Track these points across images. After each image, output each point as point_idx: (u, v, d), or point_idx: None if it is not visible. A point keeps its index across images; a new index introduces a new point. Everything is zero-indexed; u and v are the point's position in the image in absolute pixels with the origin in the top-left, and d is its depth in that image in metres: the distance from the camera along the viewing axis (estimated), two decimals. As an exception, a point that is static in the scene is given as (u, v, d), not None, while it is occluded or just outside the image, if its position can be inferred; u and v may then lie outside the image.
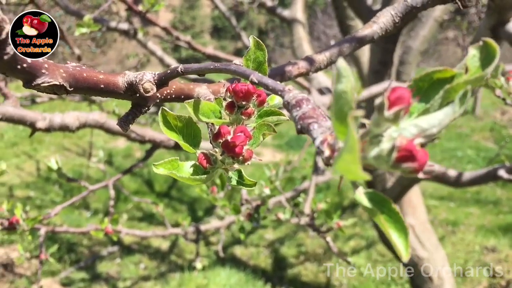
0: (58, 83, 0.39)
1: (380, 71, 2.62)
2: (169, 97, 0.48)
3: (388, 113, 0.23)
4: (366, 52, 2.86)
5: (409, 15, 0.57)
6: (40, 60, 0.39)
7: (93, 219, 3.97)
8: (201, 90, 0.49)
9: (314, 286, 3.30)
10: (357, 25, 2.88)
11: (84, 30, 1.55)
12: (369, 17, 1.49)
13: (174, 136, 0.42)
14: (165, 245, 3.74)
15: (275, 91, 0.32)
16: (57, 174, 1.62)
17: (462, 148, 6.03)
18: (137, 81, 0.43)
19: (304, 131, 0.27)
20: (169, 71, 0.43)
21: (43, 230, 1.80)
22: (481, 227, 3.93)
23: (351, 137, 0.20)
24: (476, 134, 6.69)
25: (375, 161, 0.23)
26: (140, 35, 2.18)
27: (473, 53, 0.27)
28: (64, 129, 1.20)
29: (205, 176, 0.39)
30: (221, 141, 0.40)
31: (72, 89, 0.40)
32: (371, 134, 0.23)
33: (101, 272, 3.30)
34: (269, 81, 0.32)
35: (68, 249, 3.50)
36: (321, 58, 0.60)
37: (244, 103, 0.40)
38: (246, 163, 0.39)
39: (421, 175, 0.22)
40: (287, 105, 0.29)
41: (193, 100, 0.40)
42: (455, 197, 4.55)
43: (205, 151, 0.40)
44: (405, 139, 0.22)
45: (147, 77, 0.43)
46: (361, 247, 3.76)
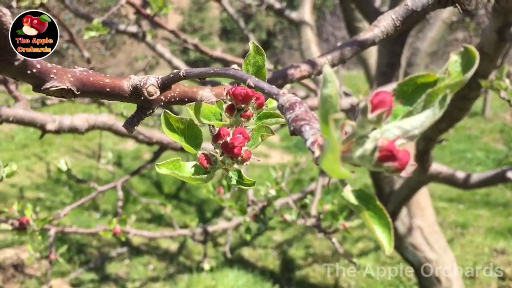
0: (66, 87, 0.40)
1: (388, 73, 2.62)
2: (173, 100, 0.49)
3: (371, 115, 0.24)
4: (373, 54, 2.86)
5: (410, 18, 0.58)
6: (49, 65, 0.41)
7: (102, 220, 4.00)
8: (204, 93, 0.51)
9: (322, 288, 3.30)
10: (365, 27, 2.89)
11: (93, 34, 1.57)
12: (376, 19, 1.49)
13: (176, 138, 0.43)
14: (173, 246, 3.75)
15: (270, 94, 0.33)
16: (67, 175, 1.65)
17: (471, 150, 5.98)
18: (142, 84, 0.45)
19: (297, 132, 0.29)
20: (172, 75, 0.44)
21: (52, 231, 1.82)
22: (491, 229, 3.90)
23: (332, 138, 0.21)
24: (485, 136, 6.63)
25: (359, 160, 0.25)
26: (149, 38, 2.20)
27: (455, 58, 0.28)
28: (74, 131, 1.22)
29: (206, 175, 0.41)
30: (221, 142, 0.42)
31: (79, 92, 0.42)
32: (357, 136, 0.25)
33: (110, 273, 3.33)
34: (264, 85, 0.34)
35: (77, 250, 3.53)
36: (322, 61, 0.62)
37: (243, 105, 0.42)
38: (245, 164, 0.41)
39: (403, 174, 0.23)
40: (281, 108, 0.31)
41: (194, 103, 0.42)
42: (464, 199, 4.52)
43: (205, 152, 0.42)
44: (387, 140, 0.23)
45: (151, 81, 0.45)
46: (370, 249, 3.75)
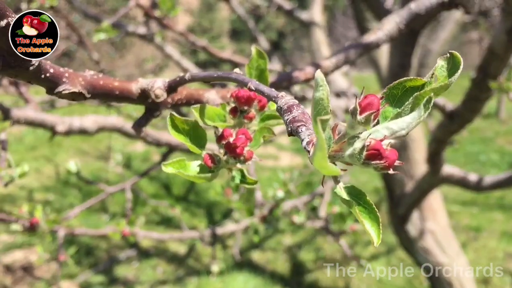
0: (77, 90, 0.42)
1: (399, 74, 2.60)
2: (180, 102, 0.51)
3: (360, 117, 0.26)
4: (384, 55, 2.85)
5: (414, 21, 0.59)
6: (62, 69, 0.42)
7: (111, 223, 4.01)
8: (210, 95, 0.52)
9: (332, 292, 3.28)
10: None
11: (102, 36, 1.58)
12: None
13: (181, 138, 0.45)
14: (182, 249, 3.76)
15: (269, 97, 0.34)
16: (77, 177, 1.68)
17: (485, 152, 5.91)
18: (149, 88, 0.47)
19: (294, 133, 0.30)
20: (178, 78, 0.46)
21: (62, 232, 1.85)
22: (505, 233, 3.85)
23: (320, 137, 0.22)
24: (500, 138, 6.54)
25: (350, 159, 0.26)
26: (158, 40, 2.21)
27: (441, 64, 0.29)
28: (83, 132, 1.24)
29: (210, 174, 0.43)
30: (224, 142, 0.44)
31: (90, 95, 0.44)
32: (348, 136, 0.26)
33: (118, 275, 3.34)
34: (264, 88, 0.35)
35: (86, 252, 3.55)
36: (327, 64, 0.63)
37: (246, 108, 0.43)
38: (247, 163, 0.42)
39: (391, 171, 0.24)
40: (279, 110, 0.32)
41: (199, 105, 0.43)
42: (478, 202, 4.46)
43: (210, 152, 0.43)
44: (374, 140, 0.25)
45: (158, 84, 0.47)
46: (381, 253, 3.72)
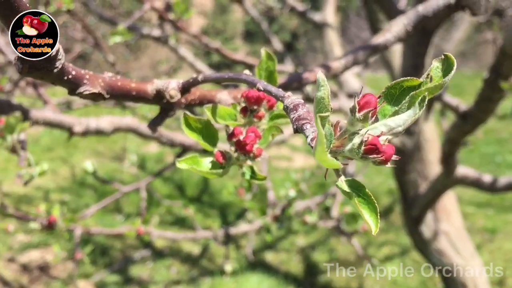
0: (97, 91, 0.45)
1: (412, 75, 2.56)
2: (193, 102, 0.53)
3: (358, 114, 0.28)
4: (397, 55, 2.84)
5: (421, 23, 0.60)
6: (83, 71, 0.45)
7: (126, 223, 4.06)
8: (222, 96, 0.54)
9: (346, 293, 3.28)
10: (388, 29, 2.87)
11: (118, 39, 1.62)
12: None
13: (195, 136, 0.47)
14: (196, 249, 3.78)
15: (277, 97, 0.36)
16: (93, 176, 1.72)
17: (501, 153, 5.83)
18: (164, 88, 0.49)
19: (299, 130, 0.32)
20: (191, 80, 0.48)
21: (78, 231, 1.90)
22: (520, 235, 3.80)
23: (320, 133, 0.24)
24: (516, 139, 6.45)
25: (349, 153, 0.28)
26: (172, 42, 2.24)
27: (436, 65, 0.31)
28: (99, 133, 1.28)
29: (221, 170, 0.45)
30: (235, 140, 0.46)
31: (108, 96, 0.46)
32: (348, 132, 0.28)
33: (133, 275, 3.37)
34: (272, 89, 0.37)
35: (101, 252, 3.59)
36: (336, 65, 0.64)
37: (255, 107, 0.46)
38: (257, 160, 0.44)
39: (388, 165, 0.26)
40: (286, 109, 0.34)
41: (211, 105, 0.46)
42: (493, 203, 4.41)
43: (221, 149, 0.46)
44: (371, 135, 0.26)
45: (172, 85, 0.49)
46: (395, 254, 3.70)
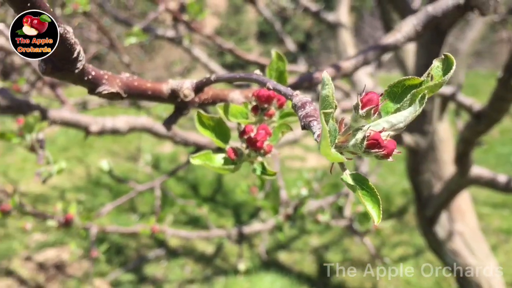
0: (115, 91, 0.47)
1: (426, 74, 2.59)
2: (206, 102, 0.55)
3: (361, 111, 0.29)
4: (410, 55, 2.82)
5: (431, 23, 0.61)
6: (101, 72, 0.47)
7: (140, 222, 4.10)
8: (234, 95, 0.56)
9: (359, 293, 3.27)
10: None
11: (133, 40, 1.65)
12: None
13: (208, 134, 0.49)
14: (210, 249, 3.80)
15: (286, 95, 0.38)
16: (108, 175, 1.75)
17: (518, 153, 5.74)
18: (178, 88, 0.51)
19: (306, 127, 0.33)
20: (204, 79, 0.50)
21: (94, 229, 1.95)
22: (537, 236, 3.74)
23: (323, 128, 0.25)
24: (533, 139, 6.33)
25: (353, 148, 0.30)
26: (186, 43, 2.26)
27: (437, 64, 0.32)
28: (115, 132, 1.31)
29: (233, 166, 0.47)
30: (246, 137, 0.48)
31: (126, 95, 0.48)
32: (352, 128, 0.30)
33: (148, 274, 3.40)
34: (281, 88, 0.38)
35: (116, 251, 3.63)
36: (347, 65, 0.66)
37: (266, 106, 0.47)
38: (267, 156, 0.46)
39: (390, 159, 0.27)
40: (294, 107, 0.36)
41: (223, 103, 0.48)
42: (509, 204, 4.35)
43: (233, 146, 0.47)
44: (373, 131, 0.28)
45: (186, 84, 0.51)
46: (409, 255, 3.68)
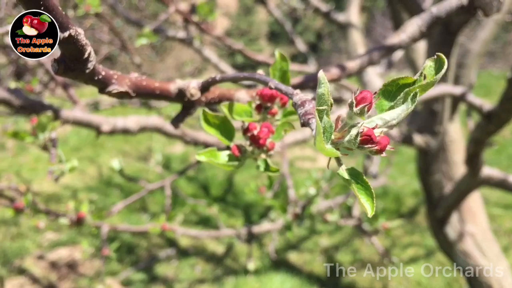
0: (124, 90, 0.49)
1: (436, 74, 2.57)
2: (213, 101, 0.57)
3: (356, 109, 0.30)
4: (421, 55, 2.81)
5: (435, 24, 0.62)
6: (111, 72, 0.49)
7: (151, 222, 4.13)
8: (241, 95, 0.58)
9: (369, 294, 3.26)
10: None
11: (144, 41, 1.67)
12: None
13: (213, 131, 0.51)
14: (220, 249, 3.82)
15: (286, 94, 0.39)
16: (119, 174, 1.78)
17: (530, 154, 5.66)
18: (185, 87, 0.53)
19: (305, 124, 0.35)
20: (210, 79, 0.52)
21: (105, 228, 1.97)
22: (549, 237, 3.69)
23: (317, 124, 0.27)
24: (546, 140, 6.24)
25: (348, 144, 0.31)
26: (196, 43, 2.28)
27: (429, 64, 0.33)
28: (126, 132, 1.33)
29: (237, 162, 0.49)
30: (249, 134, 0.49)
31: (135, 94, 0.50)
32: (348, 125, 0.31)
33: (158, 273, 3.43)
34: (282, 87, 0.40)
35: (128, 251, 3.67)
36: (352, 65, 0.67)
37: (269, 104, 0.49)
38: (269, 153, 0.47)
39: (383, 154, 0.29)
40: (294, 105, 0.37)
41: (228, 102, 0.49)
42: (521, 205, 4.30)
43: (237, 143, 0.49)
44: (367, 127, 0.29)
45: (192, 84, 0.53)
46: (420, 256, 3.66)
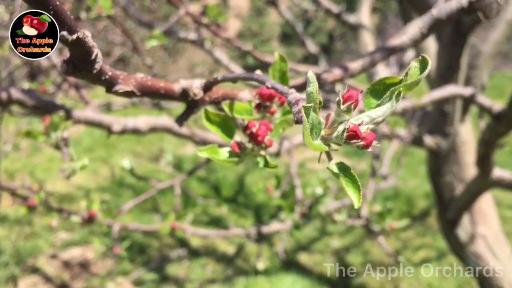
0: (130, 89, 0.51)
1: (447, 75, 2.56)
2: (216, 100, 0.59)
3: (342, 106, 0.32)
4: (432, 56, 2.80)
5: (436, 26, 0.62)
6: (118, 72, 0.51)
7: (162, 222, 4.15)
8: (243, 94, 0.59)
9: (380, 296, 3.25)
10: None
11: (154, 43, 1.70)
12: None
13: (214, 129, 0.53)
14: (231, 249, 3.84)
15: (282, 93, 0.41)
16: (130, 173, 1.81)
17: (544, 156, 5.57)
18: (188, 87, 0.55)
19: (299, 122, 0.36)
20: (212, 79, 0.54)
21: (117, 227, 2.01)
22: None
23: (304, 120, 0.28)
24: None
25: (336, 139, 0.32)
26: (208, 45, 2.30)
27: (414, 64, 0.35)
28: (136, 132, 1.36)
29: (237, 159, 0.51)
30: (248, 132, 0.51)
31: (140, 94, 0.52)
32: (336, 122, 0.32)
33: (170, 274, 3.45)
34: (278, 86, 0.42)
35: (139, 251, 3.71)
36: (354, 66, 0.68)
37: (268, 103, 0.51)
38: (268, 149, 0.49)
39: (369, 150, 0.30)
40: (289, 103, 0.38)
41: (229, 101, 0.51)
42: (534, 208, 4.24)
43: (237, 140, 0.51)
44: (353, 124, 0.31)
45: (196, 84, 0.55)
46: (431, 258, 3.64)
